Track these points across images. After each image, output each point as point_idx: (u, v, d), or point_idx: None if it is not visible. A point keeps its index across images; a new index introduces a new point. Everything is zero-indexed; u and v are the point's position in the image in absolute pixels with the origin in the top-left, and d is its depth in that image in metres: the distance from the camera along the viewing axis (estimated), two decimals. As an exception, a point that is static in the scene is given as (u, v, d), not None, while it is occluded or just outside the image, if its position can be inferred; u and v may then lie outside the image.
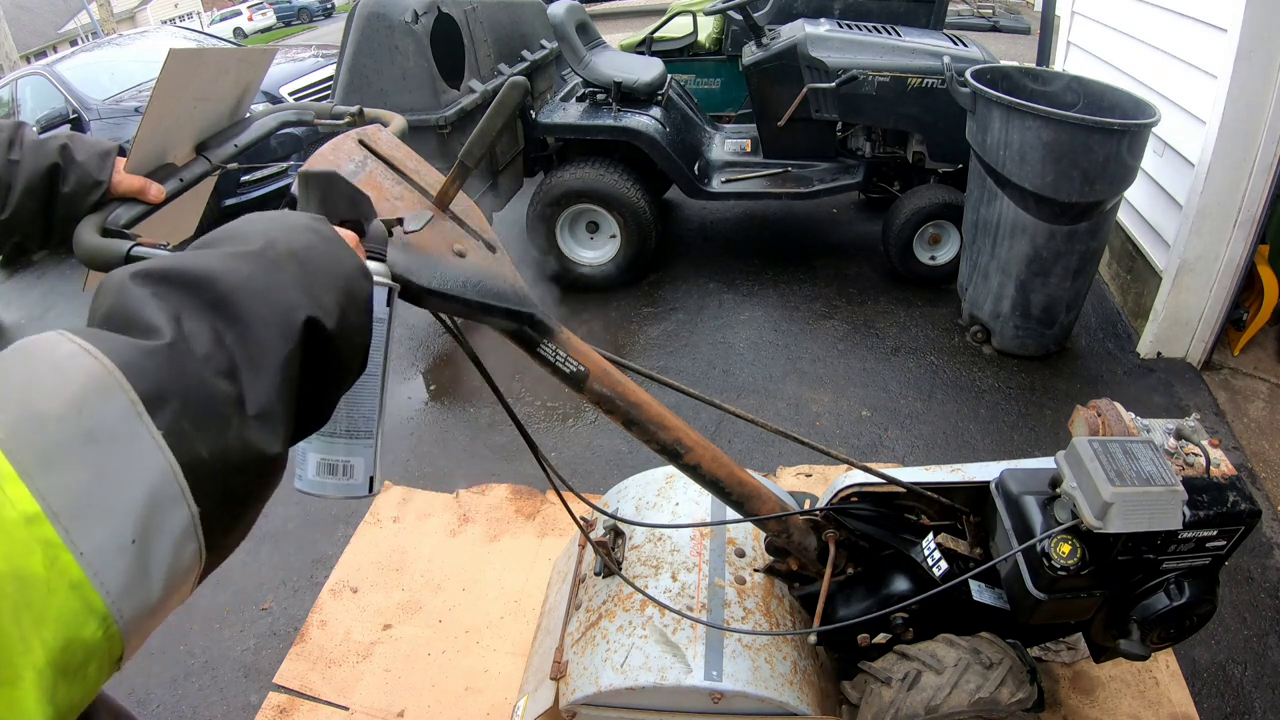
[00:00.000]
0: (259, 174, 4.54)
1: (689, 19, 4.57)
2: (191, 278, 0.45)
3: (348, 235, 0.62)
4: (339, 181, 0.66)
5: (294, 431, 0.48)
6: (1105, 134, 2.24)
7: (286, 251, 0.50)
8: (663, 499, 1.45)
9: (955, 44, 3.14)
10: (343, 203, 0.65)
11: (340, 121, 1.02)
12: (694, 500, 1.44)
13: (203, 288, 0.44)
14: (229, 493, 0.42)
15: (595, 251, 3.46)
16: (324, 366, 0.50)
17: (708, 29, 4.60)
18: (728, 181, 3.42)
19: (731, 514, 1.25)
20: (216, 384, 0.41)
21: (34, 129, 0.81)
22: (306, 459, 0.65)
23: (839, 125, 3.34)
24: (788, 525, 1.20)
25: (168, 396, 0.39)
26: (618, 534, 1.40)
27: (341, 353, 0.51)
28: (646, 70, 3.34)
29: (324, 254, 0.53)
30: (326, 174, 0.65)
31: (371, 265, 0.63)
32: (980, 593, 1.18)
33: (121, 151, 0.82)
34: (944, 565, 1.16)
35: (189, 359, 0.41)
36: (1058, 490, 1.02)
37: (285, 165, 4.59)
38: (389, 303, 0.64)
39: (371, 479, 0.66)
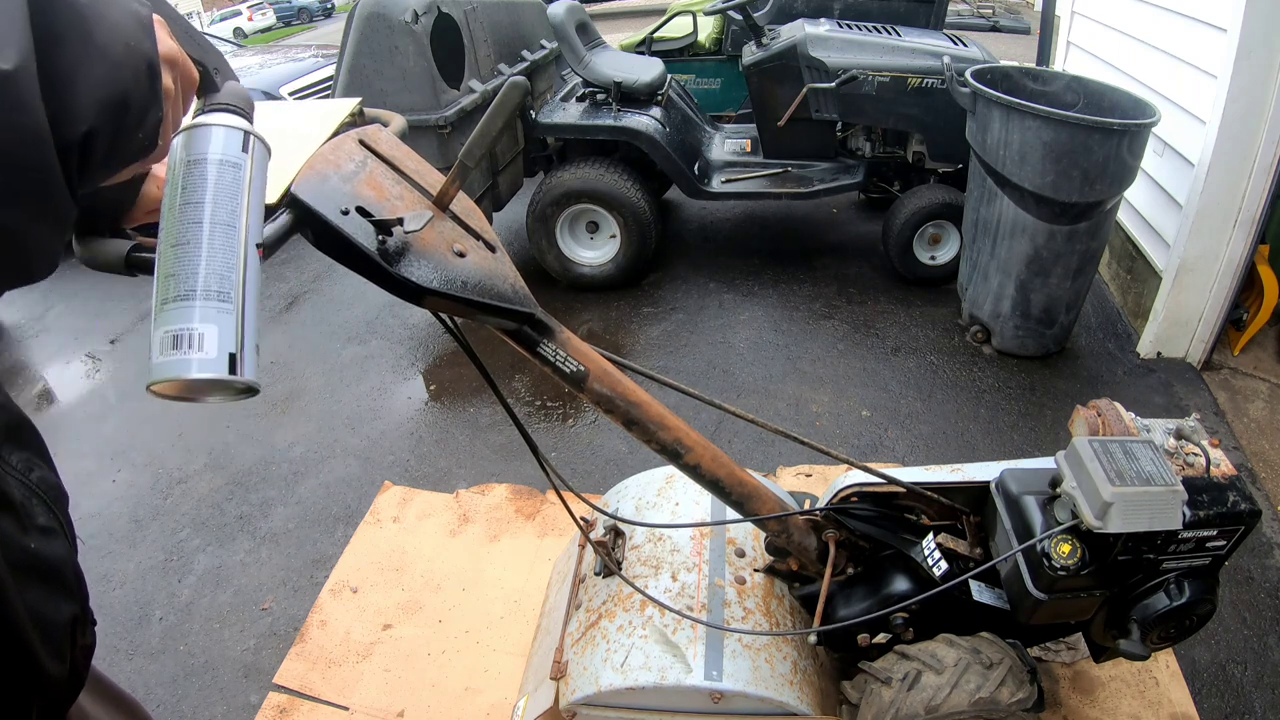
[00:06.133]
0: None
1: (689, 19, 4.57)
2: None
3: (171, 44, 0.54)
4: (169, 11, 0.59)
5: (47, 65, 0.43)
6: (1105, 134, 2.24)
7: None
8: (663, 499, 1.45)
9: (955, 44, 3.15)
10: (181, 35, 0.58)
11: (340, 121, 1.02)
12: (694, 500, 1.44)
13: None
14: None
15: (595, 251, 3.46)
16: (72, 40, 0.45)
17: (708, 29, 4.60)
18: (728, 181, 3.42)
19: (731, 514, 1.25)
20: None
21: None
22: (152, 341, 0.53)
23: (839, 125, 3.34)
24: (788, 525, 1.20)
25: None
26: (618, 534, 1.40)
27: (94, 35, 0.46)
28: (646, 70, 3.34)
29: None
30: None
31: (223, 118, 0.59)
32: (980, 593, 1.18)
33: None
34: (944, 565, 1.16)
35: None
36: (1058, 490, 1.02)
37: None
38: (245, 149, 0.58)
39: (232, 356, 0.53)
